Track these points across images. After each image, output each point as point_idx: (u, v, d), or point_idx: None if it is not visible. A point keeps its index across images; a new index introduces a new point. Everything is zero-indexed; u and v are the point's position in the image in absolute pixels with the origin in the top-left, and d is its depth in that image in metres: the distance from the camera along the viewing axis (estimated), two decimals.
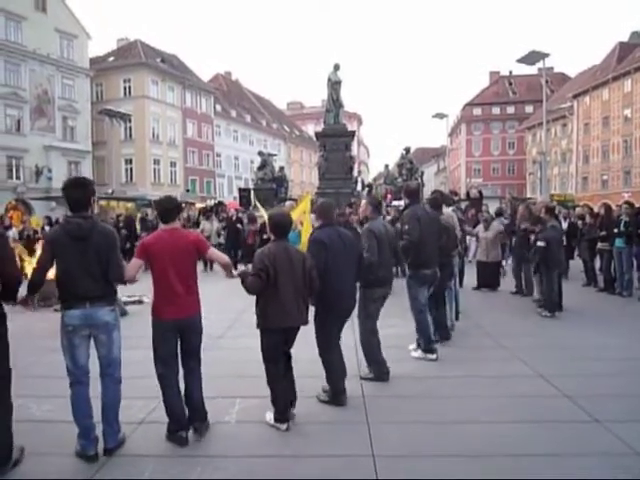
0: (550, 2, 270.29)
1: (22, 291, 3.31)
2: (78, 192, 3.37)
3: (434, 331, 5.77)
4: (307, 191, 23.67)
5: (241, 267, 5.11)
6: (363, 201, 5.82)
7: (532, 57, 20.81)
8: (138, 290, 4.33)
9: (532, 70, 41.34)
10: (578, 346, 5.94)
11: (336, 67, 20.24)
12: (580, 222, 10.93)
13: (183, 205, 17.60)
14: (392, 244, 4.95)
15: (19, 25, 30.92)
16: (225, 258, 3.85)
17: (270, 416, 3.81)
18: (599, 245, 9.86)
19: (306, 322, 3.91)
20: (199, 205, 28.78)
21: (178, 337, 3.56)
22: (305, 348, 4.24)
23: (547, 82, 35.15)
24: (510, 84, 63.50)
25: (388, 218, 10.92)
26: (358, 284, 4.65)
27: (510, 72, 63.66)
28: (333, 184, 19.24)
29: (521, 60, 21.04)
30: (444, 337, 6.09)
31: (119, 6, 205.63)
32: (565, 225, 11.68)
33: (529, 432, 3.63)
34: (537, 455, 3.31)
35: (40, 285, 3.38)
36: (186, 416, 3.60)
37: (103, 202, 19.08)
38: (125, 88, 39.14)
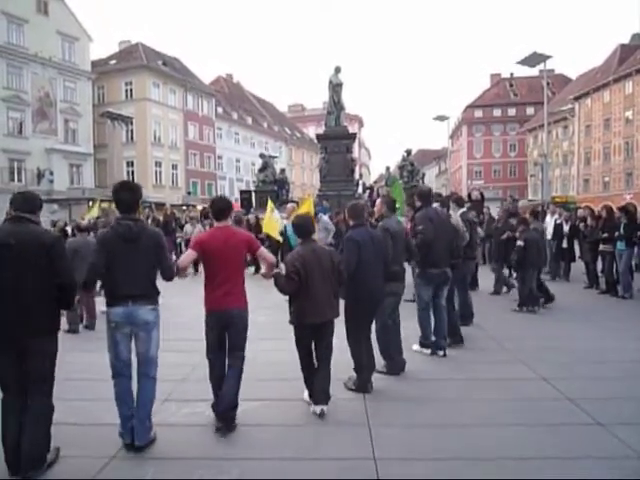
0: (551, 4, 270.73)
1: None
2: (127, 195, 3.52)
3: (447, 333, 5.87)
4: (308, 193, 23.68)
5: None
6: (378, 200, 6.04)
7: (533, 59, 20.82)
8: None
9: (533, 72, 41.46)
10: (580, 349, 5.92)
11: (337, 69, 20.25)
12: (582, 224, 10.90)
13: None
14: (405, 241, 5.17)
15: (21, 28, 31.05)
16: (272, 258, 4.12)
17: (306, 394, 4.20)
18: (601, 247, 9.85)
19: (337, 315, 4.19)
20: (199, 207, 28.77)
21: (224, 328, 3.77)
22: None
23: (548, 84, 35.17)
24: (511, 86, 63.55)
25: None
26: None
27: (511, 74, 63.72)
28: (334, 186, 19.23)
29: (522, 62, 21.06)
30: (456, 341, 6.05)
31: (121, 9, 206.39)
32: (567, 227, 11.67)
33: (532, 435, 3.61)
34: (540, 458, 3.29)
35: (93, 283, 3.55)
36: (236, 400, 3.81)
37: (105, 204, 19.10)
38: (127, 91, 39.24)
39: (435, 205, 6.17)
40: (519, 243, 8.20)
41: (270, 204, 10.55)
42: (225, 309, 3.72)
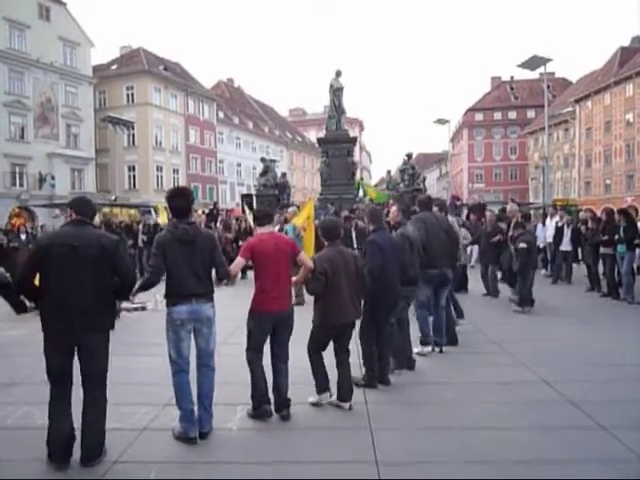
0: (551, 7, 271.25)
1: None
2: (181, 200, 3.75)
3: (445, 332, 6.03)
4: (310, 197, 23.69)
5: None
6: (393, 207, 6.27)
7: (534, 62, 20.83)
8: (143, 296, 4.33)
9: (534, 75, 41.64)
10: (582, 352, 5.91)
11: (338, 73, 20.30)
12: (583, 227, 10.90)
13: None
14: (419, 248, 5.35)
15: (23, 33, 31.20)
16: (311, 264, 4.21)
17: (313, 398, 4.29)
18: (602, 250, 9.84)
19: (360, 316, 4.42)
20: (200, 211, 28.76)
21: (274, 328, 3.98)
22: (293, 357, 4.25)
23: (549, 87, 35.21)
24: (512, 89, 63.61)
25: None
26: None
27: (512, 77, 63.76)
28: (335, 190, 19.27)
29: (523, 65, 21.07)
30: (450, 342, 6.14)
31: (122, 14, 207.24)
32: (568, 230, 11.67)
33: (533, 438, 3.61)
34: (542, 461, 3.29)
35: (154, 284, 3.63)
36: (268, 394, 4.01)
37: (106, 209, 19.12)
38: (128, 95, 39.37)
39: (434, 209, 6.28)
40: (522, 246, 8.23)
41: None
42: (277, 310, 3.96)
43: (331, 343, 4.38)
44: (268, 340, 4.09)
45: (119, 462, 3.34)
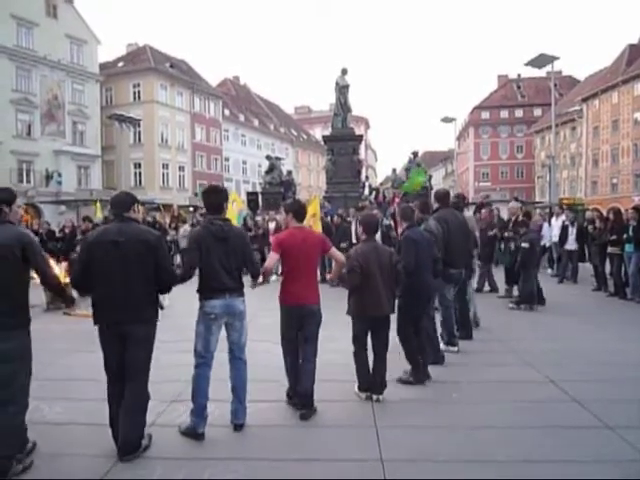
0: (558, 5, 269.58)
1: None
2: (216, 197, 3.87)
3: (457, 328, 6.15)
4: (315, 194, 23.68)
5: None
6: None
7: (541, 60, 20.71)
8: None
9: (541, 73, 41.21)
10: (588, 351, 5.89)
11: (344, 71, 20.27)
12: (590, 226, 10.84)
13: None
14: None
15: (30, 31, 31.30)
16: (342, 258, 4.37)
17: (355, 387, 4.41)
18: (609, 249, 9.79)
19: (393, 311, 4.49)
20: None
21: (302, 321, 4.05)
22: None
23: (556, 85, 35.01)
24: (518, 87, 63.28)
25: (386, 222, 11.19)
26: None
27: (518, 75, 63.45)
28: (341, 188, 19.24)
29: (529, 63, 20.95)
30: (466, 336, 6.28)
31: (129, 12, 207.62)
32: (574, 230, 11.61)
33: (539, 438, 3.60)
34: (548, 461, 3.28)
35: (190, 278, 3.67)
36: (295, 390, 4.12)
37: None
38: (134, 93, 39.44)
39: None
40: (524, 245, 8.32)
41: (233, 196, 11.70)
42: (304, 304, 4.04)
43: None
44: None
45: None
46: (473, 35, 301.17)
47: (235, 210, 10.14)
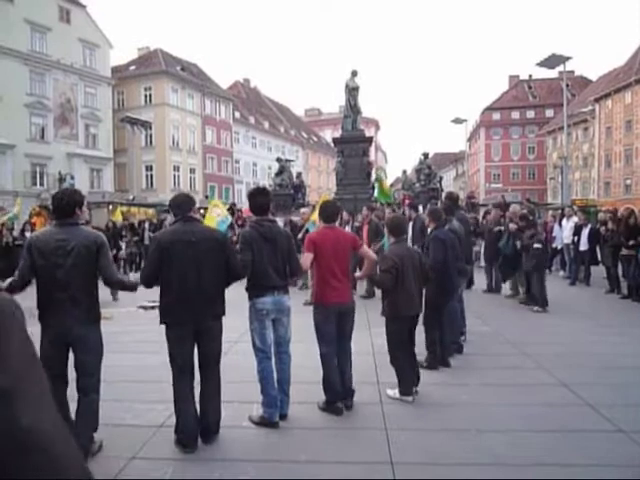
0: (571, 4, 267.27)
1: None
2: (263, 199, 4.03)
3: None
4: (325, 194, 23.69)
5: None
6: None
7: (552, 60, 20.58)
8: (152, 295, 4.35)
9: (552, 74, 41.05)
10: (601, 354, 5.82)
11: (354, 73, 20.26)
12: (603, 228, 10.71)
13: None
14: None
15: (44, 36, 31.75)
16: (374, 257, 4.51)
17: (395, 392, 4.40)
18: (623, 251, 9.68)
19: (422, 310, 4.67)
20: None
21: (338, 320, 4.11)
22: (315, 357, 4.25)
23: (568, 86, 34.69)
24: (530, 88, 62.84)
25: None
26: None
27: (530, 76, 63.04)
28: (351, 190, 19.21)
29: (541, 64, 20.83)
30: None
31: (140, 16, 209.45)
32: (586, 230, 11.48)
33: (552, 442, 3.56)
34: (560, 465, 3.24)
35: (245, 276, 3.82)
36: (341, 390, 4.15)
37: (124, 208, 19.40)
38: (146, 96, 39.82)
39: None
40: (536, 246, 8.31)
41: (214, 202, 11.81)
42: (340, 302, 4.11)
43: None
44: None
45: (136, 459, 3.38)
46: (484, 36, 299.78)
47: (214, 216, 10.02)
